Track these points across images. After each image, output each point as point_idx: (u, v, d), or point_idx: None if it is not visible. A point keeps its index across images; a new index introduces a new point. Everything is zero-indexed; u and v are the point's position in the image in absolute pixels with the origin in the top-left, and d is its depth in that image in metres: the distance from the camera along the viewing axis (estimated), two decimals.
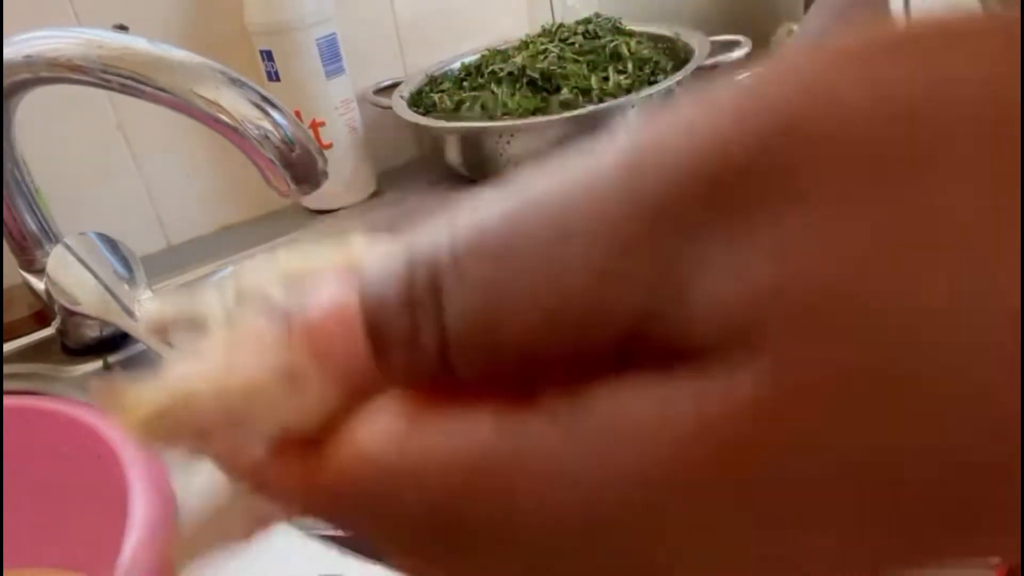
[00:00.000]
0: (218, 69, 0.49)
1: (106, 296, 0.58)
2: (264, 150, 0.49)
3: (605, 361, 0.12)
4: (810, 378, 0.11)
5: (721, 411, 0.11)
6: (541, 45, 0.86)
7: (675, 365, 0.12)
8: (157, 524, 0.44)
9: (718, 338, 0.11)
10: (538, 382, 0.13)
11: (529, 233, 0.13)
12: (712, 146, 0.11)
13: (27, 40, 0.52)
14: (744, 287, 0.11)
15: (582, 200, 0.12)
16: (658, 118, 0.12)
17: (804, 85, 0.11)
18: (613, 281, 0.12)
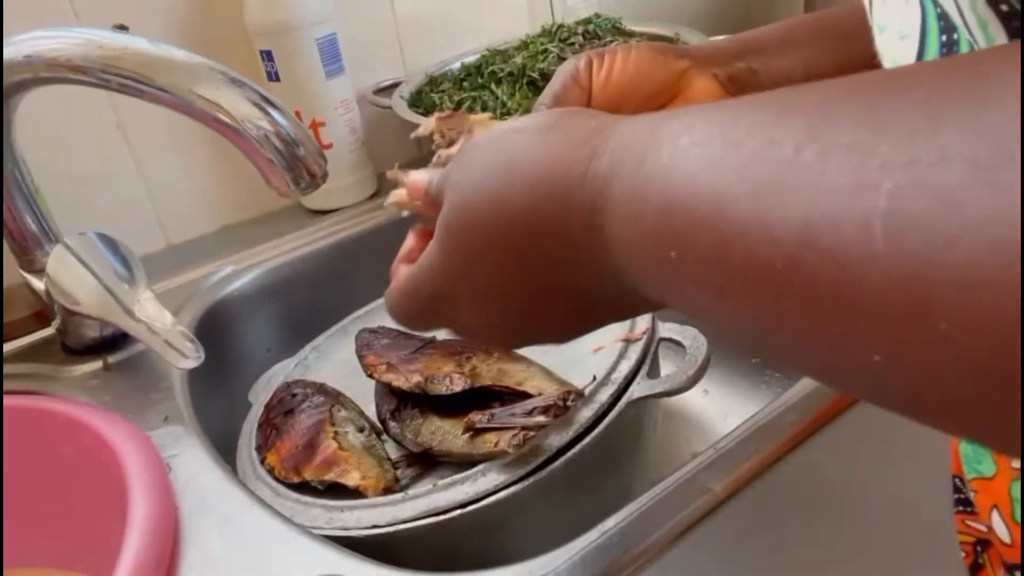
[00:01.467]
0: (218, 69, 0.49)
1: (106, 296, 0.58)
2: (264, 150, 0.49)
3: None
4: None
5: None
6: (541, 45, 0.86)
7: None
8: (157, 524, 0.44)
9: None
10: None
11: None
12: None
13: (27, 40, 0.52)
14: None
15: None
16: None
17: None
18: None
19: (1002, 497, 0.32)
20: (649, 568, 0.40)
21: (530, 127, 0.29)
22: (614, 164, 0.24)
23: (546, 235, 0.27)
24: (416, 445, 0.50)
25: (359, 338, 0.60)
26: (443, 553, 0.46)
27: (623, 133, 0.25)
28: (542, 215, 0.26)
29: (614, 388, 0.50)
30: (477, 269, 0.29)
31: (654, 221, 0.22)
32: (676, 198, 0.21)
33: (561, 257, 0.27)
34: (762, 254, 0.18)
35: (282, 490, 0.51)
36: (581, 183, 0.25)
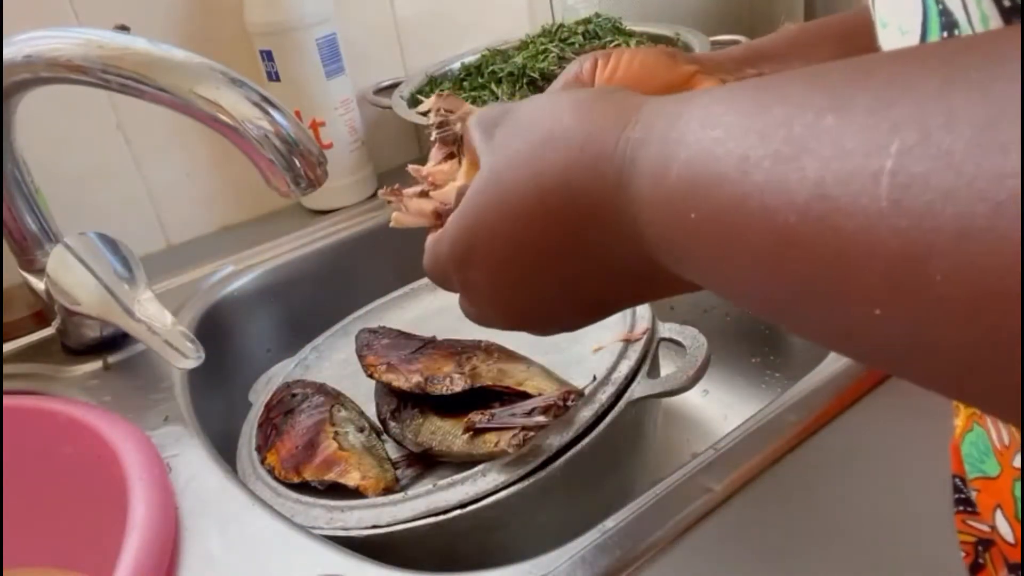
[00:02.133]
0: (218, 69, 0.49)
1: (106, 296, 0.58)
2: (264, 150, 0.49)
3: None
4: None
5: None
6: (541, 45, 0.86)
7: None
8: (157, 524, 0.44)
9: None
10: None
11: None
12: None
13: (27, 40, 0.52)
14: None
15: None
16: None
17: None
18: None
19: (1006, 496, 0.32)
20: (649, 568, 0.40)
21: (569, 99, 0.30)
22: (646, 129, 0.25)
23: (576, 198, 0.27)
24: (416, 445, 0.50)
25: (359, 338, 0.60)
26: (443, 553, 0.46)
27: (657, 103, 0.26)
28: (575, 178, 0.27)
29: (614, 388, 0.50)
30: (508, 222, 0.30)
31: (677, 181, 0.23)
32: (700, 159, 0.22)
33: (588, 220, 0.27)
34: (776, 211, 0.19)
35: (282, 490, 0.51)
36: (613, 149, 0.26)
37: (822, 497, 0.43)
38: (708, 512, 0.42)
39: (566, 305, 0.32)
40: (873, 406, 0.47)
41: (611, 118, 0.27)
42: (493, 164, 0.31)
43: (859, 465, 0.44)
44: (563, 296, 0.31)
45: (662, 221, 0.24)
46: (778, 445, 0.45)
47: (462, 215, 0.32)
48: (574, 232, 0.28)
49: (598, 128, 0.27)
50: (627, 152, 0.25)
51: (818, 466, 0.44)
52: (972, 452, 0.35)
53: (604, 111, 0.28)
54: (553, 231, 0.28)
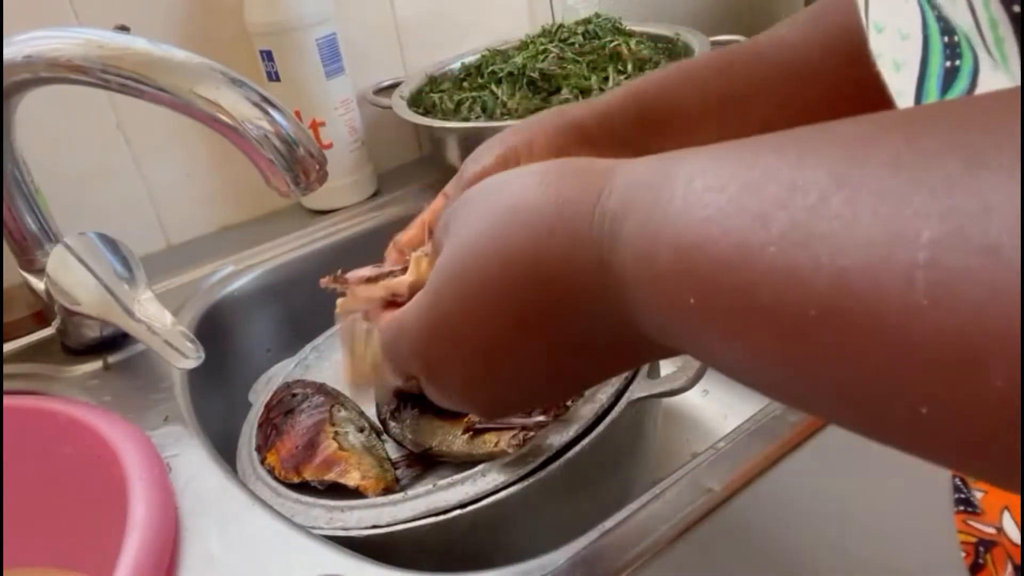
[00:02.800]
0: (218, 69, 0.49)
1: (106, 296, 0.58)
2: (264, 150, 0.49)
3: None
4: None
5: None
6: (541, 45, 0.86)
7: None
8: (157, 524, 0.44)
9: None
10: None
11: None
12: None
13: (27, 40, 0.52)
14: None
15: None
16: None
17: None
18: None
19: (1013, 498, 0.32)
20: (649, 568, 0.40)
21: (532, 171, 0.28)
22: (625, 202, 0.23)
23: (551, 277, 0.26)
24: (416, 445, 0.50)
25: None
26: (443, 553, 0.46)
27: (633, 171, 0.24)
28: (546, 254, 0.25)
29: (614, 388, 0.50)
30: (473, 313, 0.28)
31: (671, 265, 0.21)
32: (695, 243, 0.20)
33: (565, 299, 0.26)
34: (793, 302, 0.18)
35: (282, 490, 0.51)
36: (589, 222, 0.24)
37: (822, 497, 0.43)
38: (708, 512, 0.42)
39: (545, 389, 0.30)
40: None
41: (579, 190, 0.25)
42: (455, 248, 0.29)
43: (859, 465, 0.44)
44: (540, 382, 0.29)
45: (654, 304, 0.23)
46: (778, 445, 0.45)
47: (425, 308, 0.30)
48: (549, 317, 0.26)
49: (567, 202, 0.25)
50: (604, 228, 0.24)
51: (818, 466, 0.44)
52: None
53: (571, 183, 0.26)
54: (527, 320, 0.27)
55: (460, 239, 0.29)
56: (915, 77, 0.25)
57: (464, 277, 0.28)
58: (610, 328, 0.25)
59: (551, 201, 0.26)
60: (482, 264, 0.27)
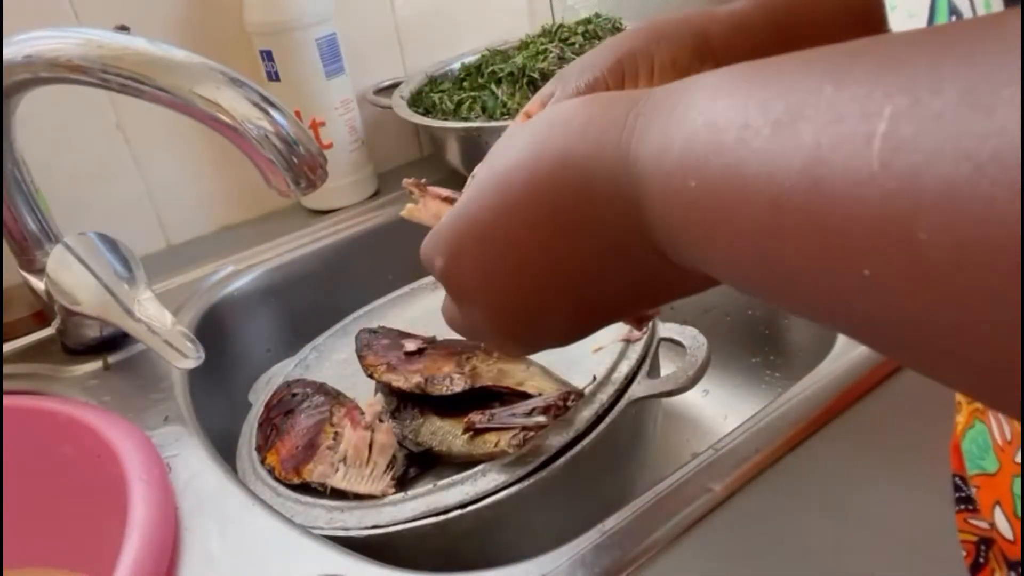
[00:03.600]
0: (218, 69, 0.49)
1: (106, 296, 0.58)
2: (264, 150, 0.49)
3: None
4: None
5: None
6: (541, 45, 0.86)
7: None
8: (157, 524, 0.44)
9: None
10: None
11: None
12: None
13: (27, 40, 0.52)
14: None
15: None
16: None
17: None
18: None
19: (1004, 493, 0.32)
20: (649, 568, 0.40)
21: (566, 105, 0.29)
22: (654, 107, 0.25)
23: (575, 179, 0.26)
24: (416, 445, 0.50)
25: (359, 338, 0.60)
26: (443, 553, 0.46)
27: (667, 88, 0.26)
28: (574, 153, 0.27)
29: (614, 388, 0.50)
30: (497, 207, 0.29)
31: (680, 154, 0.23)
32: (703, 130, 0.22)
33: (585, 199, 0.26)
34: (773, 176, 0.19)
35: (282, 490, 0.51)
36: (621, 127, 0.25)
37: (822, 497, 0.43)
38: (708, 512, 0.42)
39: (557, 304, 0.30)
40: (873, 406, 0.47)
41: (616, 104, 0.27)
42: (495, 152, 0.30)
43: (859, 465, 0.44)
44: (553, 292, 0.29)
45: (663, 195, 0.24)
46: (778, 445, 0.45)
47: (460, 203, 0.31)
48: (569, 216, 0.27)
49: (603, 113, 0.27)
50: (636, 128, 0.25)
51: (818, 466, 0.44)
52: (972, 448, 0.35)
53: (611, 99, 0.27)
54: (546, 218, 0.27)
55: (500, 146, 0.30)
56: None
57: (495, 174, 0.29)
58: (624, 233, 0.26)
59: (586, 112, 0.27)
60: (513, 162, 0.28)
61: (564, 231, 0.27)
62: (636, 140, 0.25)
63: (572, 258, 0.28)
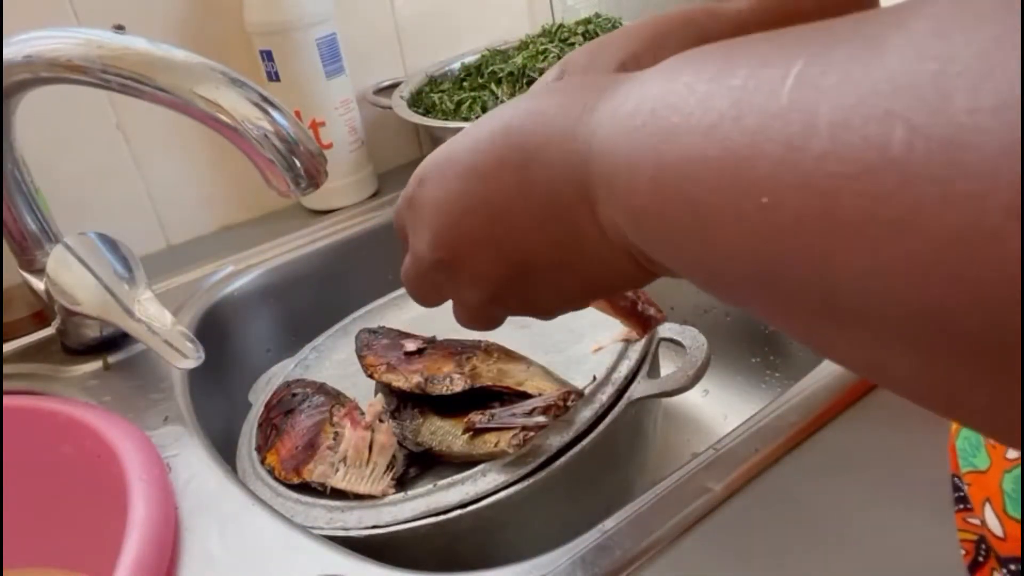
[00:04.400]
0: (218, 69, 0.49)
1: (106, 296, 0.58)
2: (264, 150, 0.49)
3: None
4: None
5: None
6: (541, 45, 0.86)
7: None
8: (157, 524, 0.44)
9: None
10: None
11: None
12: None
13: (27, 40, 0.52)
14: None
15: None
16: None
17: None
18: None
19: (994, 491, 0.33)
20: (649, 568, 0.40)
21: (524, 95, 0.31)
22: (608, 89, 0.26)
23: (535, 133, 0.28)
24: (416, 445, 0.50)
25: (359, 338, 0.60)
26: (443, 553, 0.46)
27: (605, 79, 0.27)
28: (537, 123, 0.29)
29: (614, 388, 0.50)
30: (467, 145, 0.31)
31: (636, 129, 0.23)
32: (653, 109, 0.23)
33: (536, 153, 0.28)
34: (704, 118, 0.20)
35: (282, 490, 0.51)
36: (582, 104, 0.27)
37: (822, 497, 0.43)
38: (708, 512, 0.42)
39: (520, 244, 0.30)
40: (873, 406, 0.47)
41: (583, 88, 0.28)
42: (448, 145, 0.33)
43: (859, 465, 0.44)
44: (514, 234, 0.30)
45: (621, 175, 0.24)
46: (778, 445, 0.45)
47: (418, 238, 0.34)
48: (526, 162, 0.29)
49: (566, 97, 0.28)
50: (588, 104, 0.26)
51: (818, 466, 0.44)
52: (965, 447, 0.35)
53: (551, 97, 0.29)
54: (508, 158, 0.29)
55: (445, 145, 0.33)
56: None
57: (470, 129, 0.32)
58: (573, 188, 0.27)
59: (553, 97, 0.29)
60: (485, 122, 0.31)
61: (523, 178, 0.29)
62: (587, 117, 0.26)
63: (529, 203, 0.29)
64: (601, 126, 0.25)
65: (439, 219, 0.33)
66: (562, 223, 0.28)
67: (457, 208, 0.32)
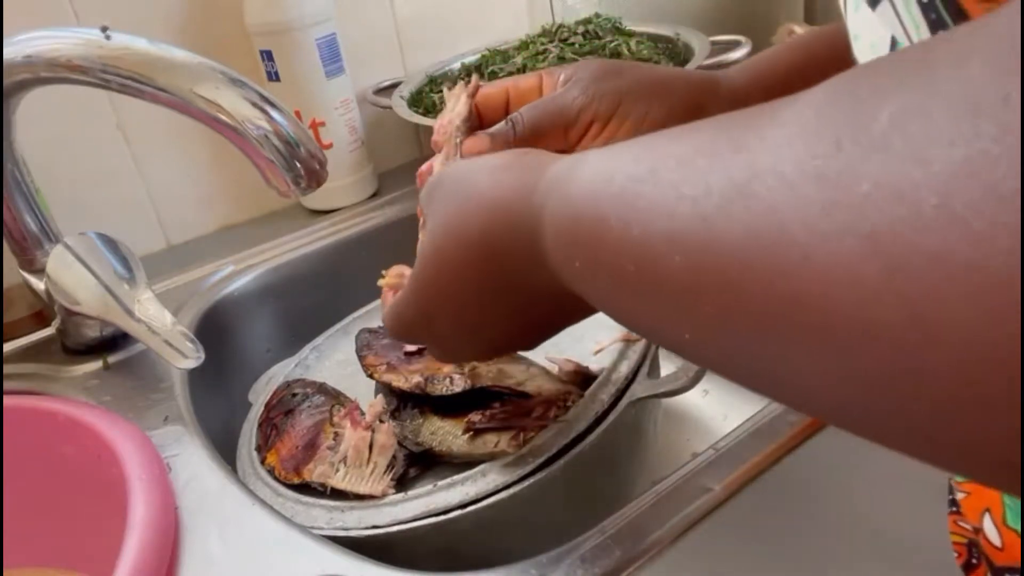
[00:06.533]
0: (218, 69, 0.49)
1: (106, 296, 0.58)
2: (264, 150, 0.49)
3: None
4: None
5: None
6: (541, 45, 0.86)
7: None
8: (157, 524, 0.44)
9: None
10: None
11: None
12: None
13: (27, 40, 0.52)
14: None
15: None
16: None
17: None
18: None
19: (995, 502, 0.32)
20: (649, 568, 0.40)
21: (487, 166, 0.35)
22: (548, 191, 0.30)
23: (497, 253, 0.33)
24: (416, 445, 0.50)
25: (359, 338, 0.60)
26: (443, 553, 0.46)
27: (558, 166, 0.31)
28: (493, 236, 0.33)
29: (614, 388, 0.50)
30: (446, 286, 0.36)
31: (565, 236, 0.28)
32: (576, 218, 0.27)
33: (512, 269, 0.33)
34: (630, 225, 0.23)
35: (282, 490, 0.51)
36: (526, 208, 0.31)
37: (822, 497, 0.43)
38: (708, 512, 0.42)
39: (519, 329, 0.37)
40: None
41: (520, 183, 0.32)
42: (431, 232, 0.36)
43: (858, 466, 0.44)
44: (513, 323, 0.37)
45: (562, 266, 0.29)
46: (778, 445, 0.45)
47: (413, 280, 0.38)
48: (499, 281, 0.34)
49: (511, 193, 0.32)
50: (534, 212, 0.30)
51: (818, 466, 0.44)
52: None
53: (515, 178, 0.33)
54: (486, 280, 0.34)
55: (433, 222, 0.36)
56: None
57: (436, 253, 0.36)
58: (548, 286, 0.31)
59: (498, 193, 0.33)
60: (448, 243, 0.35)
61: (499, 291, 0.35)
62: (538, 224, 0.30)
63: (513, 298, 0.35)
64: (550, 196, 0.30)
65: (473, 342, 0.39)
66: (510, 273, 0.33)
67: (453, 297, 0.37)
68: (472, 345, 0.39)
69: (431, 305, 0.37)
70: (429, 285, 0.37)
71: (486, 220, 0.33)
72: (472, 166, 0.36)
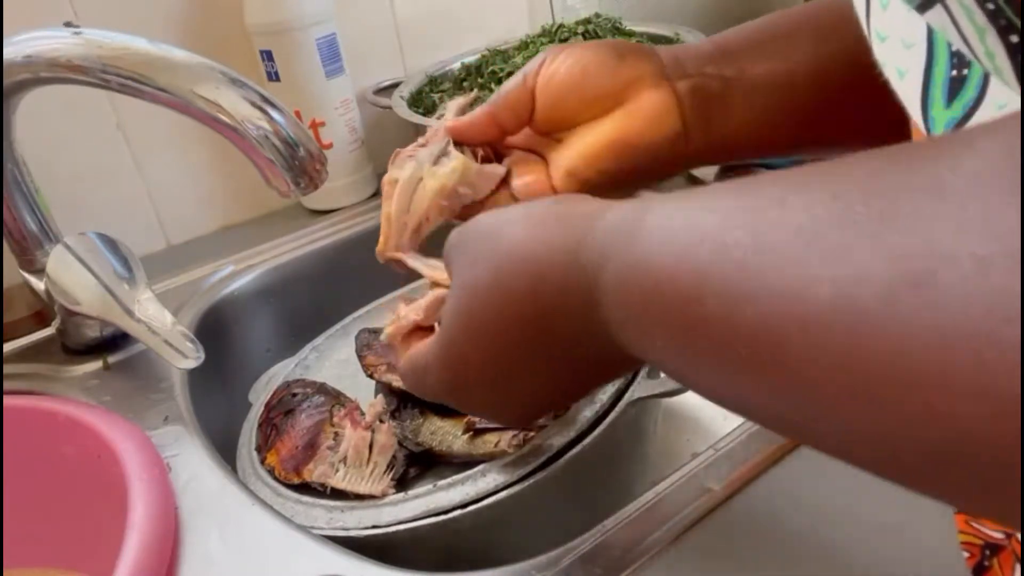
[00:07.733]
0: (218, 69, 0.49)
1: (106, 296, 0.58)
2: (264, 150, 0.49)
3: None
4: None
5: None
6: (541, 45, 0.86)
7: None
8: (157, 524, 0.44)
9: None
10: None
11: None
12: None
13: (27, 40, 0.52)
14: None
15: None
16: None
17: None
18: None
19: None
20: (649, 568, 0.40)
21: (520, 218, 0.32)
22: (604, 249, 0.27)
23: (546, 317, 0.30)
24: (416, 445, 0.50)
25: (359, 338, 0.60)
26: (443, 553, 0.46)
27: (611, 220, 0.28)
28: (543, 300, 0.30)
29: (614, 388, 0.50)
30: (483, 347, 0.33)
31: (640, 308, 0.25)
32: (655, 288, 0.24)
33: (563, 335, 0.30)
34: (728, 335, 0.21)
35: (282, 490, 0.51)
36: (576, 268, 0.28)
37: (822, 497, 0.43)
38: (708, 512, 0.42)
39: (556, 397, 0.36)
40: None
41: (563, 237, 0.29)
42: (460, 292, 0.33)
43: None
44: (549, 394, 0.35)
45: (634, 341, 0.26)
46: (778, 445, 0.45)
47: (443, 347, 0.35)
48: (548, 346, 0.31)
49: (554, 250, 0.29)
50: (588, 273, 0.27)
51: (818, 466, 0.44)
52: None
53: (555, 231, 0.30)
54: (530, 350, 0.31)
55: (463, 282, 0.33)
56: (919, 85, 0.25)
57: (471, 317, 0.33)
58: (602, 349, 0.28)
59: (541, 251, 0.30)
60: (484, 305, 0.32)
61: (547, 357, 0.32)
62: (594, 287, 0.27)
63: (557, 371, 0.32)
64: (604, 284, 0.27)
65: (505, 412, 0.37)
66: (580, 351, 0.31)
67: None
68: (509, 409, 0.37)
69: (464, 367, 0.34)
70: (462, 349, 0.34)
71: (531, 282, 0.30)
72: (501, 218, 0.33)
